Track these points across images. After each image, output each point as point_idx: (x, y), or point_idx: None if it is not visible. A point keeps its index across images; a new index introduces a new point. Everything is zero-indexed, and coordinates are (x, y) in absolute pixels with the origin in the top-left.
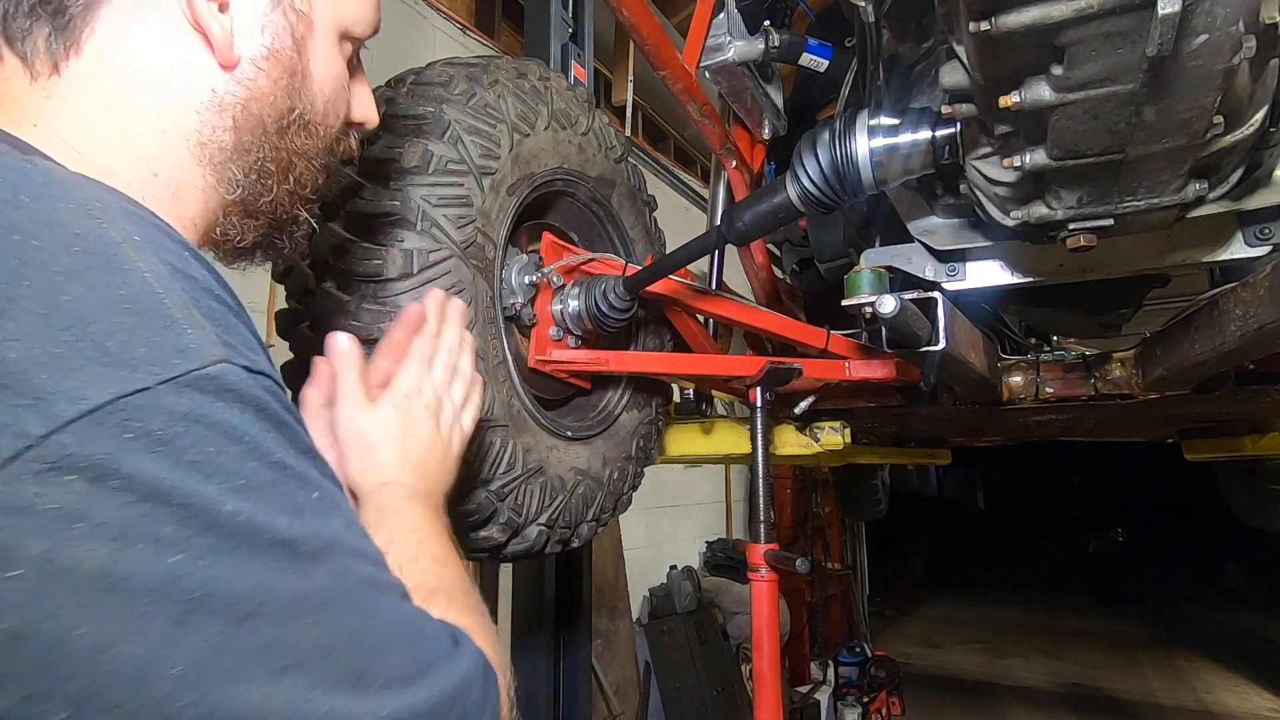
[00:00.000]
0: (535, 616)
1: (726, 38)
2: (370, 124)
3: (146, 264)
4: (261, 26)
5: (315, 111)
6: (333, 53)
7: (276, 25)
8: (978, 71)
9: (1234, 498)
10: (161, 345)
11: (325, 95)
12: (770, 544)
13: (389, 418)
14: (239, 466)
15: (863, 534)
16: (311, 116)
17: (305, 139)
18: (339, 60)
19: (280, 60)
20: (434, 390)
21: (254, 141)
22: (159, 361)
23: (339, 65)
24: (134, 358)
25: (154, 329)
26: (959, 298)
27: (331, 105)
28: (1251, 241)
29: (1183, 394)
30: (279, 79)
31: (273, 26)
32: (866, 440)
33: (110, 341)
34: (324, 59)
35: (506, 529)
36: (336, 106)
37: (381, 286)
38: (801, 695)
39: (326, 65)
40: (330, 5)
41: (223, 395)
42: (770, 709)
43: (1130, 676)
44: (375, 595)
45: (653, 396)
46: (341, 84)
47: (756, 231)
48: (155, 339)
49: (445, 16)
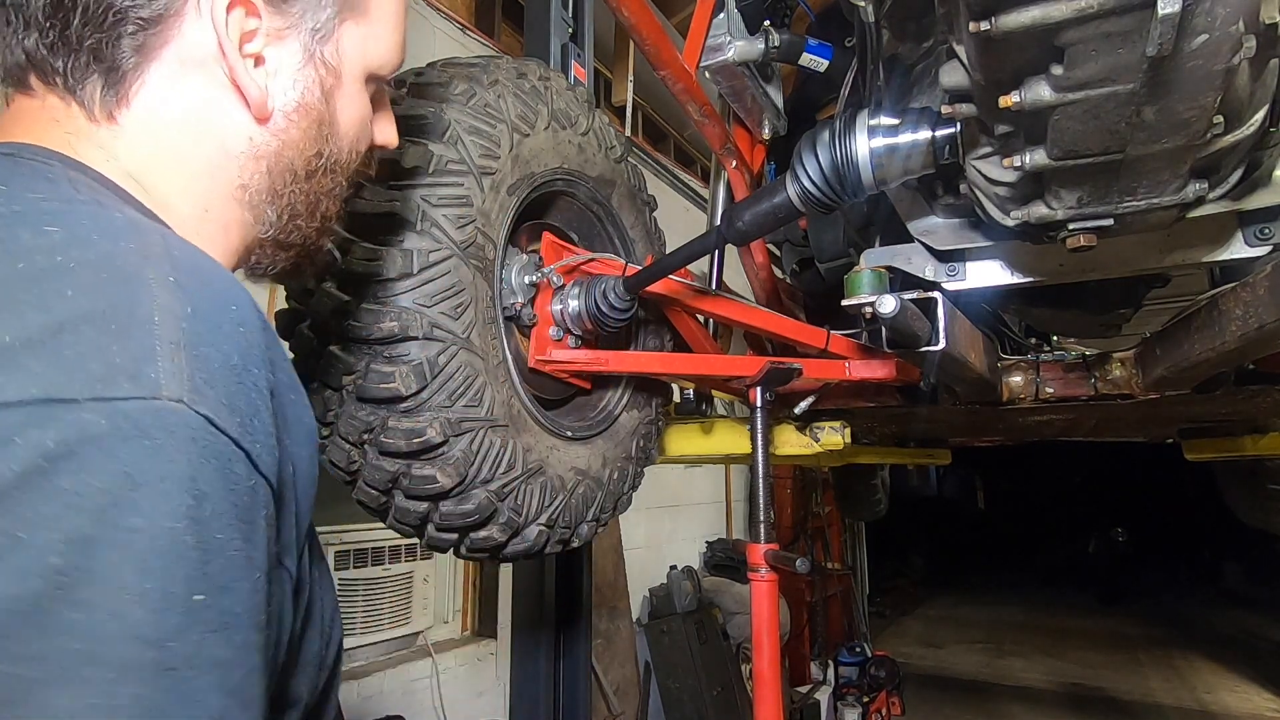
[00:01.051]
0: (535, 616)
1: (726, 38)
2: (391, 145)
3: (165, 299)
4: (294, 82)
5: (340, 153)
6: (359, 96)
7: (308, 80)
8: (978, 71)
9: (1234, 498)
10: (120, 368)
11: (350, 137)
12: (770, 544)
13: None
14: (114, 516)
15: (863, 534)
16: (338, 158)
17: (331, 180)
18: (364, 100)
19: (309, 112)
20: None
21: (285, 186)
22: (104, 379)
23: (364, 106)
24: (83, 370)
25: (124, 352)
26: (959, 298)
27: (355, 144)
28: (1251, 241)
29: (1183, 394)
30: (308, 129)
31: (304, 81)
32: (866, 440)
33: (70, 350)
34: (350, 104)
35: (506, 529)
36: (359, 143)
37: (381, 286)
38: (801, 695)
39: (352, 109)
40: (359, 52)
41: (149, 433)
42: (770, 709)
43: (1130, 676)
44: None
45: (653, 396)
46: (365, 121)
47: (756, 231)
48: (118, 360)
49: (445, 16)
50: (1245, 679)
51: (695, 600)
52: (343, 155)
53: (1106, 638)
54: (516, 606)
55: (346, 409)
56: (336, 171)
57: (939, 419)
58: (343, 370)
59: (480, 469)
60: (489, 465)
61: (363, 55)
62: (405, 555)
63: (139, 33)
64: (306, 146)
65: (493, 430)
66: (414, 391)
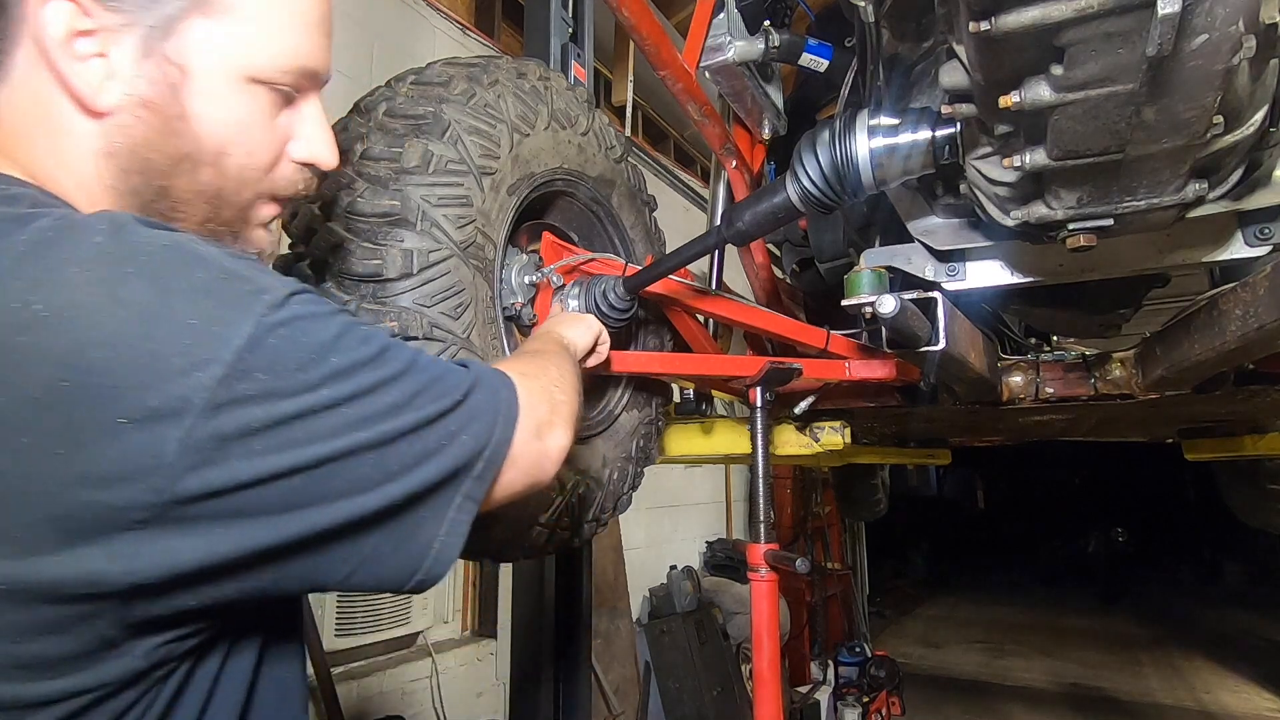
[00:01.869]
0: (535, 616)
1: (726, 38)
2: (322, 164)
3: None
4: (135, 77)
5: (205, 153)
6: (235, 98)
7: (150, 75)
8: (978, 71)
9: (1234, 498)
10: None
11: (221, 137)
12: (770, 544)
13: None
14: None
15: (863, 534)
16: (202, 158)
17: (201, 178)
18: (248, 104)
19: (154, 108)
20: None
21: (144, 182)
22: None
23: (246, 109)
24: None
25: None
26: (959, 298)
27: (234, 146)
28: (1251, 241)
29: (1183, 394)
30: (156, 124)
31: (145, 76)
32: (866, 440)
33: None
34: (219, 104)
35: (507, 529)
36: (247, 147)
37: (381, 286)
38: (801, 695)
39: (224, 110)
40: (223, 53)
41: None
42: (770, 709)
43: (1130, 676)
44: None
45: (653, 396)
46: (253, 125)
47: (756, 231)
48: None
49: (445, 16)
50: (1245, 679)
51: (695, 600)
52: (207, 155)
53: (1106, 637)
54: (516, 606)
55: None
56: (202, 172)
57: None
58: None
59: None
60: None
61: (227, 55)
62: None
63: (3, 15)
64: (158, 142)
65: None
66: None
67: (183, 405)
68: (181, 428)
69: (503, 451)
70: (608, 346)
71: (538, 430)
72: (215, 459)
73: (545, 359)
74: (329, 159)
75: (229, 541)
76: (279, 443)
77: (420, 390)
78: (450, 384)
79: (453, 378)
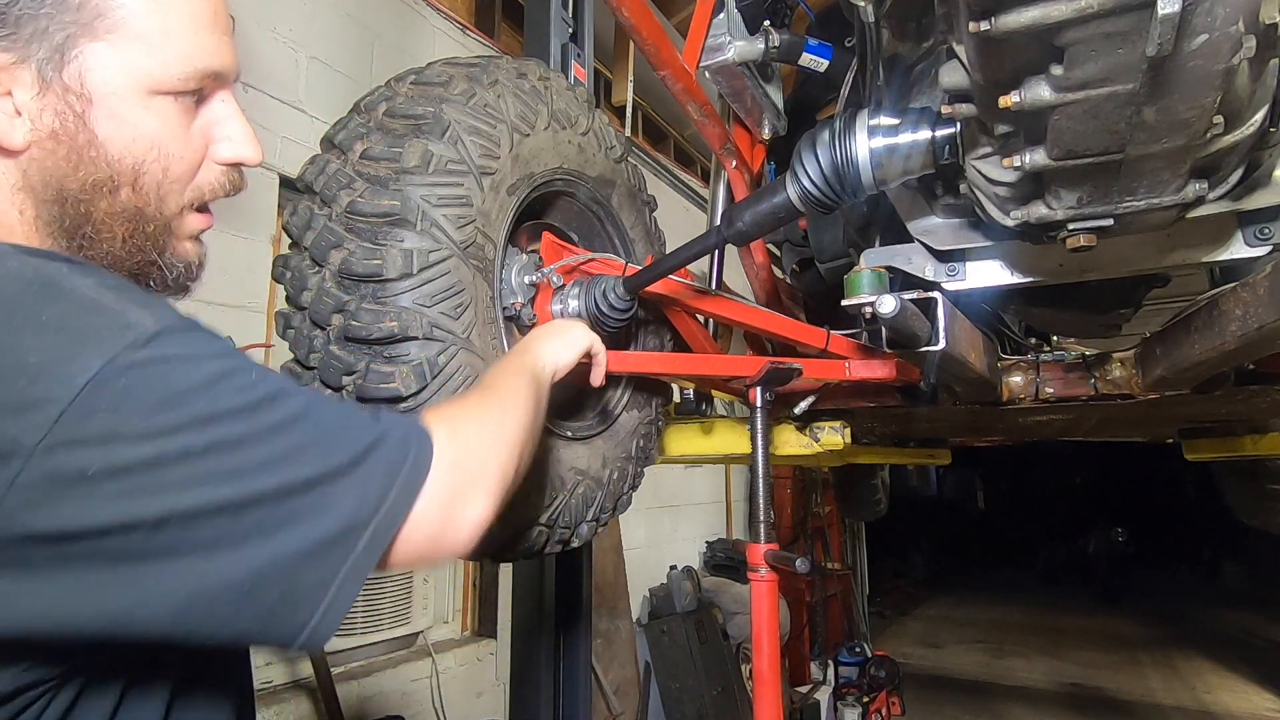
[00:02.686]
0: (535, 616)
1: (726, 38)
2: (248, 161)
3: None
4: (39, 111)
5: (122, 174)
6: (137, 115)
7: (52, 107)
8: (978, 71)
9: (1234, 498)
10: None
11: (133, 156)
12: (770, 544)
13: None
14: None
15: (863, 534)
16: (120, 180)
17: (120, 199)
18: (153, 119)
19: (62, 139)
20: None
21: (63, 212)
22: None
23: (153, 124)
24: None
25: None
26: (959, 298)
27: (152, 162)
28: (1251, 241)
29: (1183, 394)
30: (67, 155)
31: (48, 108)
32: (866, 440)
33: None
34: (122, 124)
35: (507, 529)
36: (161, 163)
37: (381, 286)
38: (801, 695)
39: (129, 129)
40: (123, 71)
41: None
42: (770, 709)
43: (1130, 676)
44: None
45: (653, 396)
46: (162, 140)
47: (756, 231)
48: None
49: (445, 16)
50: (1245, 679)
51: (695, 600)
52: (124, 176)
53: (1106, 638)
54: (516, 606)
55: None
56: (123, 193)
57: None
58: (342, 370)
59: None
60: None
61: (122, 73)
62: None
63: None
64: (72, 172)
65: None
66: (414, 392)
67: (13, 446)
68: (12, 469)
69: (396, 522)
70: (604, 356)
71: (451, 499)
72: (48, 502)
73: (496, 399)
74: (254, 156)
75: (62, 590)
76: (119, 490)
77: (302, 447)
78: (345, 441)
79: (350, 434)
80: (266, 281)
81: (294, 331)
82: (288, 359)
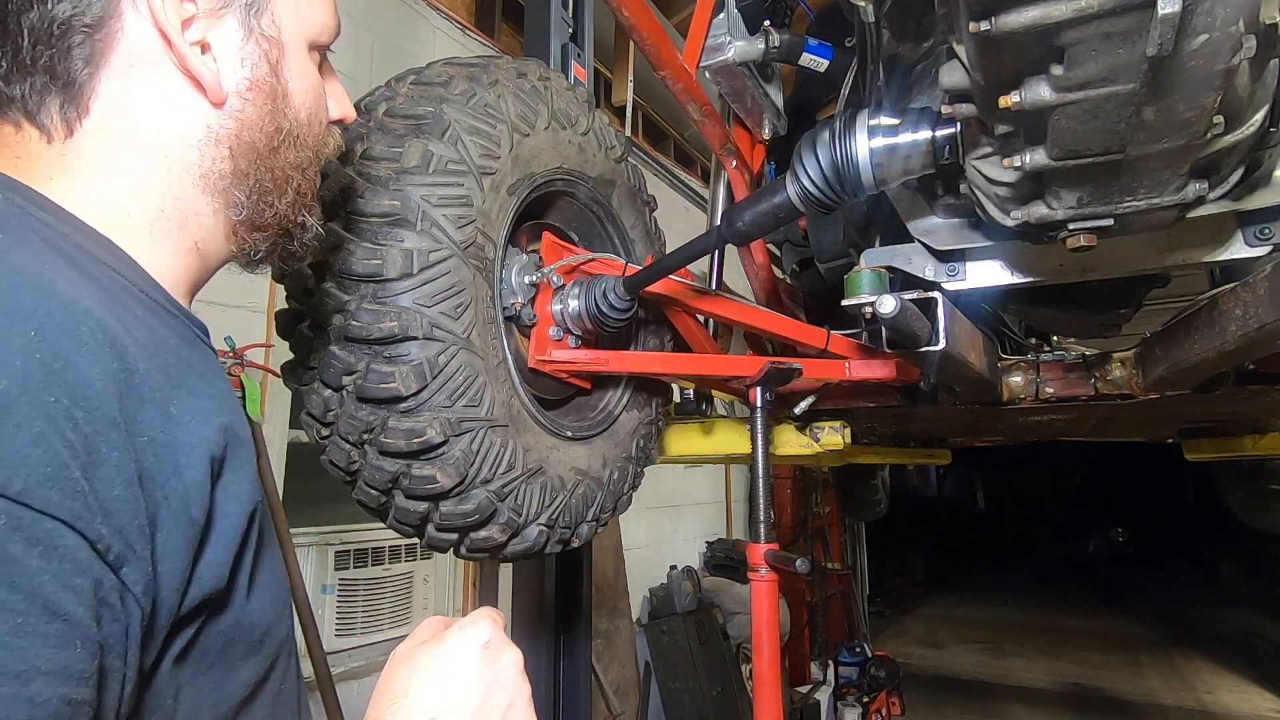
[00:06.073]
0: (535, 616)
1: (726, 38)
2: (349, 119)
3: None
4: (241, 60)
5: (300, 125)
6: (306, 65)
7: (253, 55)
8: (978, 71)
9: (1234, 498)
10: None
11: (307, 108)
12: (770, 544)
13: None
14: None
15: (863, 534)
16: (298, 131)
17: (296, 152)
18: (312, 70)
19: (261, 88)
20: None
21: (250, 166)
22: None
23: (313, 75)
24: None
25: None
26: (959, 298)
27: (314, 114)
28: (1251, 241)
29: (1183, 394)
30: (263, 105)
31: (250, 57)
32: (866, 440)
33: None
34: (299, 74)
35: (506, 529)
36: (318, 114)
37: (381, 286)
38: (801, 695)
39: (303, 79)
40: (295, 22)
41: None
42: (770, 709)
43: (1130, 676)
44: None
45: (653, 396)
46: (318, 91)
47: (756, 231)
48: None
49: (445, 16)
50: (1245, 679)
51: (695, 600)
52: (302, 127)
53: (1106, 638)
54: (516, 606)
55: (346, 409)
56: (300, 144)
57: (939, 419)
58: (343, 370)
59: (480, 469)
60: (489, 465)
61: (299, 23)
62: (405, 555)
63: (86, 41)
64: (265, 123)
65: (493, 430)
66: (414, 391)
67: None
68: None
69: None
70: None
71: None
72: None
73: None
74: (353, 114)
75: None
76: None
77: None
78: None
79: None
80: (267, 281)
81: (294, 331)
82: (289, 359)
